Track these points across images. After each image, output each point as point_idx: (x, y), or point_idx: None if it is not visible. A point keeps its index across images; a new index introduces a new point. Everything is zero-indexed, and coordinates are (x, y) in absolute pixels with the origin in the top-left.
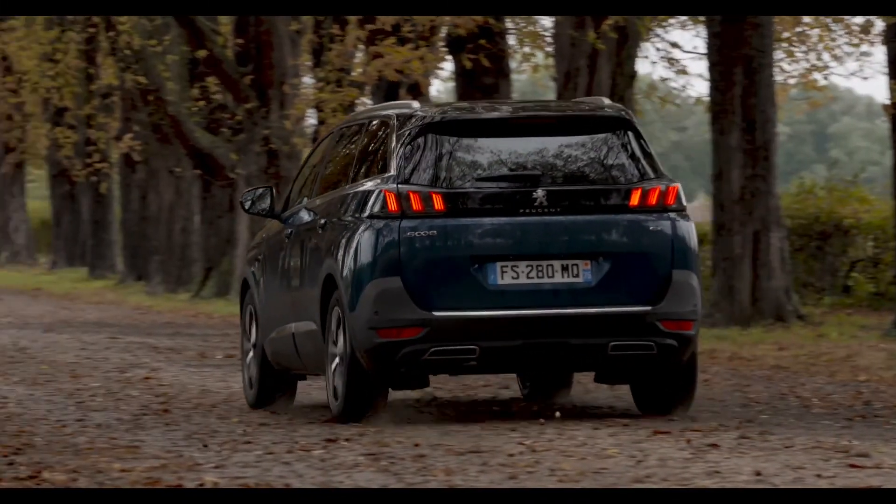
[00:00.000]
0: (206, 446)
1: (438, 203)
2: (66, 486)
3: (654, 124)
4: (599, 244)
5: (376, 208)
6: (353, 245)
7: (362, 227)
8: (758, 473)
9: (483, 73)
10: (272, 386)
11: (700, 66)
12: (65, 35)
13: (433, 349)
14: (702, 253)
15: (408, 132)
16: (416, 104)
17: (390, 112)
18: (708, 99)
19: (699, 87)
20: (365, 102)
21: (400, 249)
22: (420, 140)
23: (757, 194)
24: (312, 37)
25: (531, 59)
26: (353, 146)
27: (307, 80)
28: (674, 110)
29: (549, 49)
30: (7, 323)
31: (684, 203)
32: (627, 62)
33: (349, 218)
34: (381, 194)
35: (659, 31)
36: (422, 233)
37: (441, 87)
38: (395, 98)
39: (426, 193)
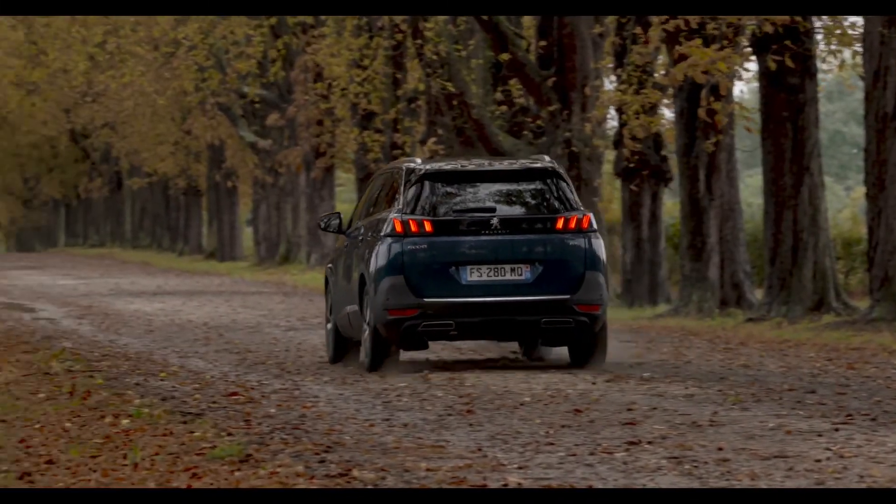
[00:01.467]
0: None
1: (428, 227)
2: (374, 484)
3: None
4: (535, 254)
5: (388, 230)
6: (375, 254)
7: (380, 243)
8: None
9: (788, 74)
10: (342, 348)
11: None
12: (373, 41)
13: (424, 324)
14: None
15: (411, 179)
16: (418, 160)
17: (402, 166)
18: None
19: None
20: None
21: (403, 257)
22: (418, 185)
23: None
24: (615, 39)
25: (838, 55)
26: (382, 187)
27: (608, 82)
28: None
29: (858, 48)
30: (317, 323)
31: (595, 227)
32: None
33: (374, 236)
34: (392, 221)
35: None
36: (418, 246)
37: (744, 88)
38: (697, 101)
39: (420, 220)
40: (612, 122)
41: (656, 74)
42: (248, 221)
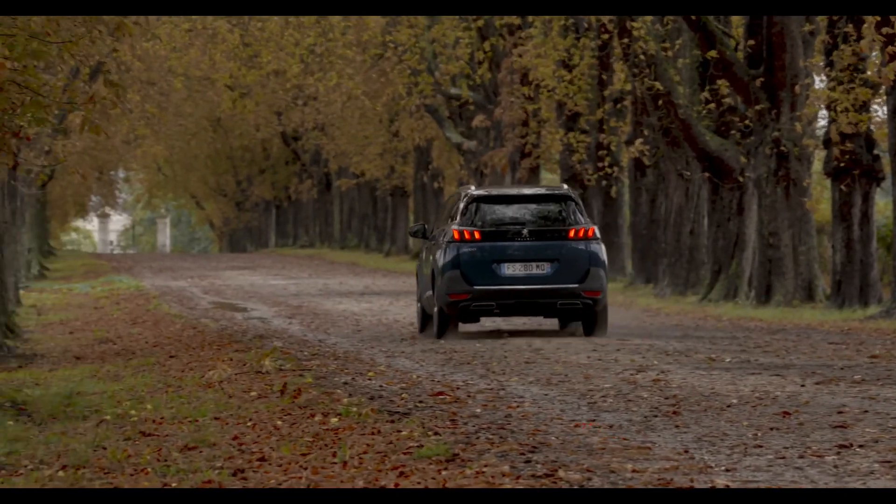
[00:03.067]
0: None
1: (477, 235)
2: (580, 485)
3: None
4: (553, 255)
5: (449, 237)
6: (440, 254)
7: (444, 246)
8: None
9: None
10: (426, 321)
11: None
12: (579, 42)
13: (474, 304)
14: None
15: (465, 201)
16: (472, 188)
17: (461, 191)
18: None
19: None
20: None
21: (459, 257)
22: (471, 205)
23: None
24: (825, 37)
25: None
26: (448, 207)
27: (818, 80)
28: None
29: None
30: (521, 324)
31: (597, 236)
32: None
33: (441, 241)
34: (451, 231)
35: None
36: (469, 249)
37: None
38: None
39: (471, 230)
40: (822, 122)
41: (868, 72)
42: None
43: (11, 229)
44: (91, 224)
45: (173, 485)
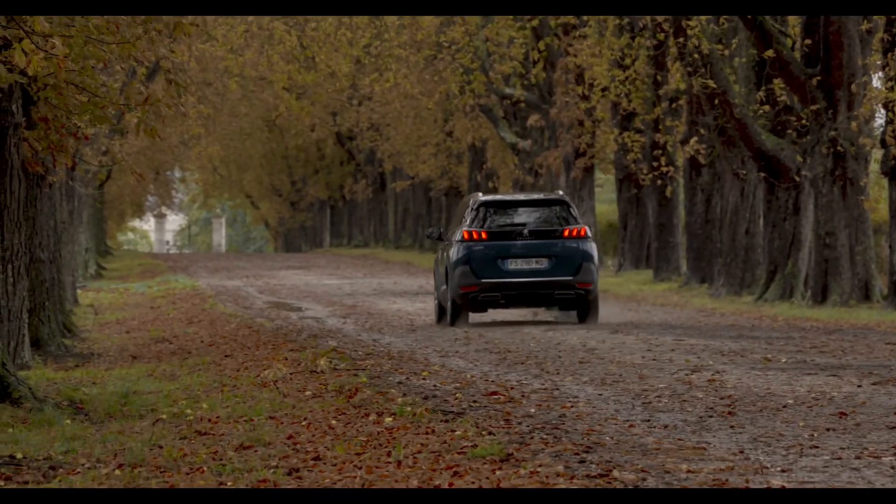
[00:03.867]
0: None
1: (484, 235)
2: (635, 485)
3: None
4: (550, 252)
5: (459, 237)
6: (453, 252)
7: (455, 245)
8: None
9: None
10: (442, 313)
11: None
12: (635, 41)
13: (482, 295)
14: None
15: (474, 206)
16: (480, 194)
17: (470, 198)
18: None
19: None
20: None
21: (469, 254)
22: (479, 209)
23: None
24: (883, 35)
25: None
26: (461, 210)
27: (876, 79)
28: None
29: None
30: (576, 324)
31: (589, 235)
32: None
33: (453, 241)
34: (461, 232)
35: None
36: (477, 247)
37: None
38: None
39: (479, 231)
40: (879, 121)
41: None
42: None
43: (69, 229)
44: (147, 224)
45: (229, 484)
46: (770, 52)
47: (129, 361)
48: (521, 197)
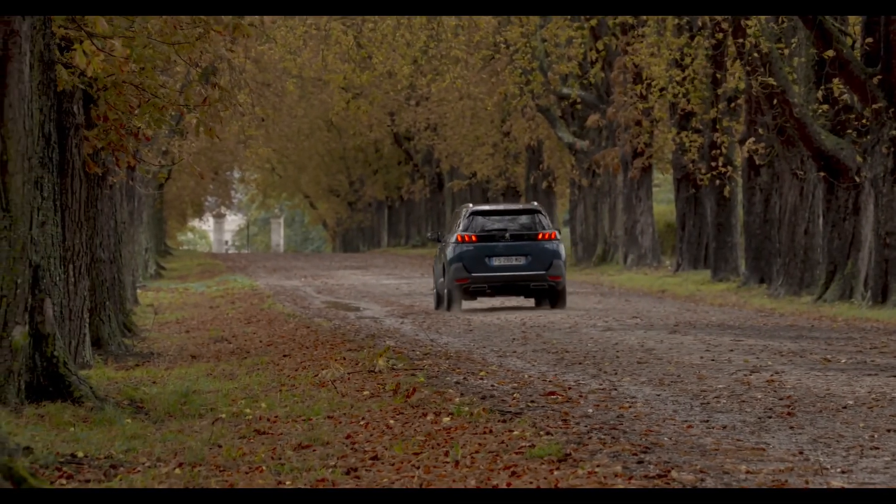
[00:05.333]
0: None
1: (474, 238)
2: (693, 485)
3: None
4: (527, 251)
5: (454, 240)
6: (449, 251)
7: (451, 246)
8: None
9: None
10: (439, 302)
11: None
12: (693, 41)
13: (472, 286)
14: None
15: (466, 214)
16: (471, 205)
17: (463, 207)
18: None
19: None
20: None
21: (462, 253)
22: (470, 216)
23: None
24: None
25: None
26: (456, 217)
27: None
28: None
29: None
30: (634, 324)
31: (559, 238)
32: None
33: (449, 243)
34: (456, 235)
35: None
36: (469, 248)
37: None
38: None
39: (470, 235)
40: None
41: None
42: (566, 222)
43: (129, 229)
44: (207, 224)
45: (287, 483)
46: (830, 52)
47: (189, 361)
48: (504, 207)
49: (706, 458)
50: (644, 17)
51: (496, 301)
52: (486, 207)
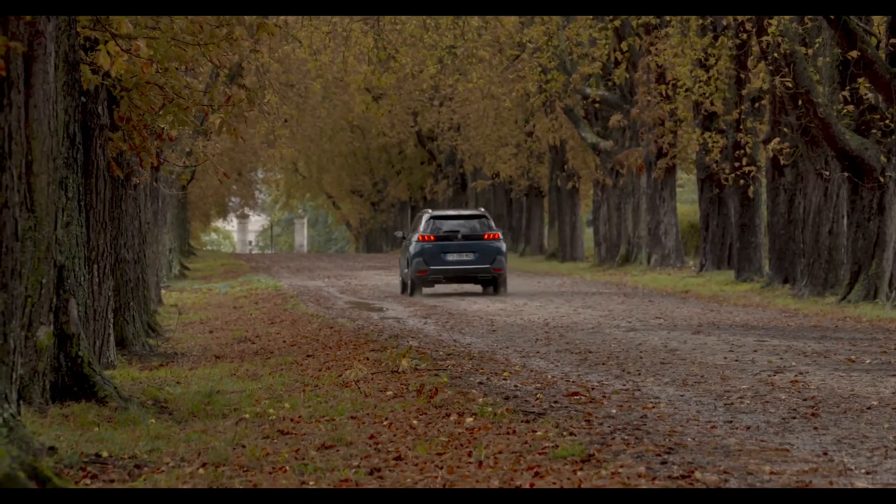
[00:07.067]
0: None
1: (432, 238)
2: (717, 486)
3: None
4: (475, 248)
5: (416, 239)
6: (412, 248)
7: (414, 243)
8: None
9: None
10: (404, 288)
11: None
12: (717, 41)
13: (431, 277)
14: None
15: (425, 218)
16: (430, 210)
17: (422, 213)
18: None
19: None
20: None
21: (422, 250)
22: (430, 220)
23: None
24: None
25: None
26: (417, 220)
27: None
28: None
29: None
30: (658, 324)
31: (501, 238)
32: None
33: (412, 241)
34: (418, 235)
35: None
36: (428, 246)
37: None
38: None
39: (429, 235)
40: None
41: None
42: (589, 222)
43: (153, 230)
44: (230, 224)
45: (311, 483)
46: (854, 52)
47: (213, 361)
48: (457, 213)
49: (730, 458)
50: (668, 18)
51: (450, 288)
52: (443, 213)
